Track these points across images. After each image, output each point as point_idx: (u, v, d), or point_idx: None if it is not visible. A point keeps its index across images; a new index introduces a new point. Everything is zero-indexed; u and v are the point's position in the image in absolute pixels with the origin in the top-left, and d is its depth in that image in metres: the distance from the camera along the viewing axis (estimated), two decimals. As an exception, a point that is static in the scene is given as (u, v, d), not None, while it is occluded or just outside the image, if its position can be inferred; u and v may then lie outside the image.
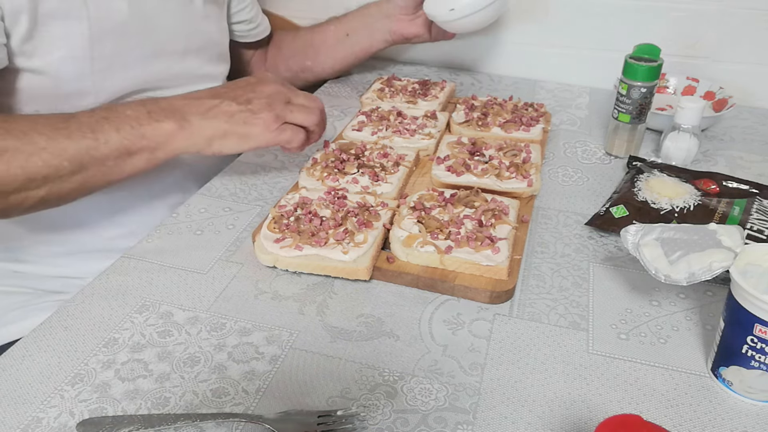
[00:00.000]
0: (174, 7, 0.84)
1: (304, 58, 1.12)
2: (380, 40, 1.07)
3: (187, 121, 0.70)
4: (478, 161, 0.82)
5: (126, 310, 0.61)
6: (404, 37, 1.06)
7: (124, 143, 0.67)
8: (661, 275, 0.56)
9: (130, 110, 0.69)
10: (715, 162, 0.92)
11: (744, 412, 0.52)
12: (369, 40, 1.08)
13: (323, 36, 1.10)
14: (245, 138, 0.72)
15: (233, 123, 0.71)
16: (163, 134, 0.69)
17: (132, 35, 0.78)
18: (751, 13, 1.08)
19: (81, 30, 0.73)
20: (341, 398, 0.52)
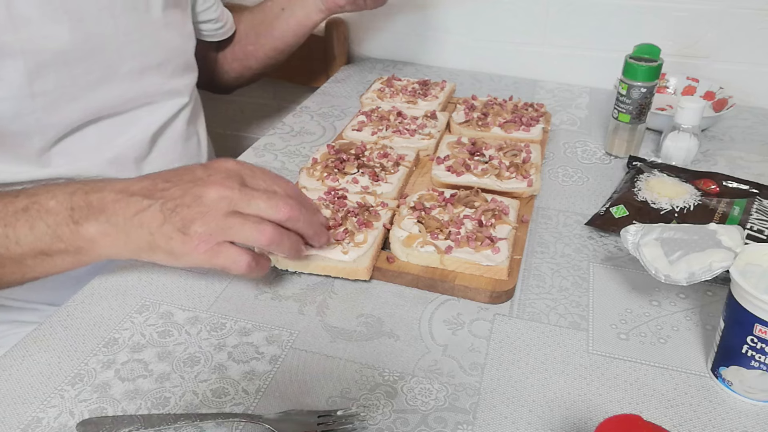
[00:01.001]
0: (126, 22, 0.76)
1: (246, 43, 1.06)
2: (314, 10, 1.01)
3: (112, 225, 0.56)
4: (478, 161, 0.82)
5: (126, 310, 0.61)
6: (337, 4, 0.99)
7: (38, 245, 0.57)
8: (661, 275, 0.56)
9: (54, 201, 0.57)
10: (715, 162, 0.92)
11: (744, 412, 0.52)
12: (303, 11, 1.01)
13: (261, 15, 1.05)
14: (172, 256, 0.56)
15: (158, 236, 0.55)
16: (83, 239, 0.56)
17: (77, 63, 0.71)
18: (751, 13, 1.08)
19: (15, 66, 0.66)
20: (341, 398, 0.52)
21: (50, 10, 0.68)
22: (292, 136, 0.98)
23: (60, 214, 0.57)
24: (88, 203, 0.57)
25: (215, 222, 0.55)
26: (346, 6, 1.00)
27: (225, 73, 1.08)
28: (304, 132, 0.99)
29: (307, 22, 1.03)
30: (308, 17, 1.02)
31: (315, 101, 1.11)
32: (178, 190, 0.56)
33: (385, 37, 1.30)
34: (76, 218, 0.56)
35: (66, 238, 0.57)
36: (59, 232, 0.56)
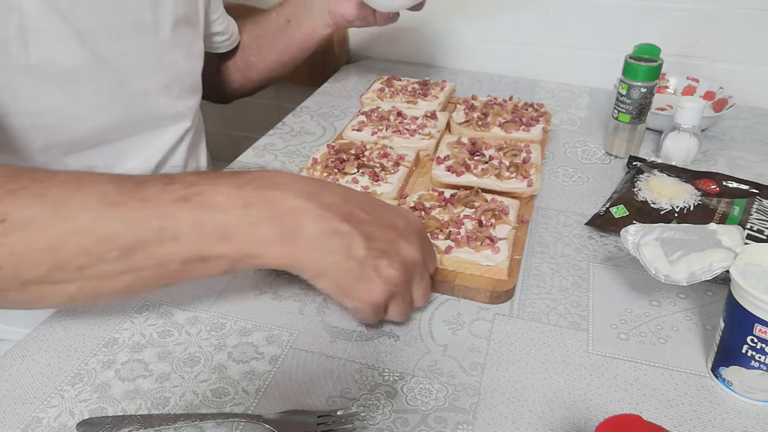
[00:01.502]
0: (134, 43, 0.74)
1: (249, 53, 1.02)
2: (321, 24, 0.97)
3: (296, 236, 0.49)
4: (478, 161, 0.82)
5: (126, 310, 0.61)
6: (345, 19, 0.96)
7: (198, 246, 0.47)
8: (661, 275, 0.56)
9: (222, 195, 0.48)
10: (715, 162, 0.92)
11: (744, 412, 0.52)
12: (310, 24, 0.98)
13: (265, 27, 1.01)
14: (346, 293, 0.53)
15: (347, 270, 0.51)
16: (256, 243, 0.48)
17: (85, 81, 0.69)
18: (751, 13, 1.08)
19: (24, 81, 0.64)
20: (341, 398, 0.52)
21: (62, 27, 0.66)
22: (292, 136, 0.98)
23: (230, 211, 0.48)
24: (265, 201, 0.49)
25: (405, 281, 0.54)
26: (355, 22, 0.97)
27: (226, 84, 1.06)
28: (304, 132, 0.99)
29: (313, 36, 0.99)
30: (314, 31, 0.99)
31: (315, 101, 1.11)
32: (379, 227, 0.53)
33: (385, 37, 1.30)
34: (252, 219, 0.48)
35: (236, 240, 0.48)
36: (230, 232, 0.48)
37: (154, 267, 0.48)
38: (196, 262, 0.48)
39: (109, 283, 0.48)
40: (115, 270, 0.47)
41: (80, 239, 0.45)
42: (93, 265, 0.46)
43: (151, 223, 0.46)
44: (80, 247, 0.45)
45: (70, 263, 0.45)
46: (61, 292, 0.47)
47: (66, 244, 0.45)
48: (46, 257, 0.45)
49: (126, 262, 0.46)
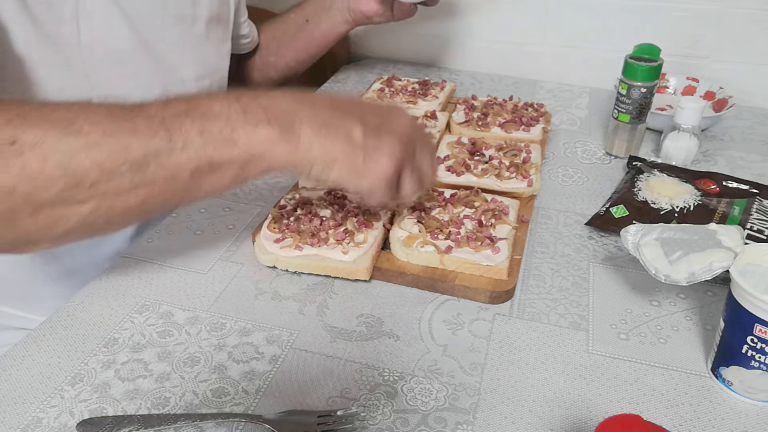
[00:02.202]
0: (174, 32, 0.76)
1: (267, 53, 1.05)
2: (341, 21, 1.00)
3: (295, 132, 0.51)
4: (478, 161, 0.82)
5: (126, 310, 0.61)
6: (365, 16, 1.00)
7: (207, 151, 0.48)
8: (661, 275, 0.56)
9: (219, 105, 0.50)
10: (715, 162, 0.92)
11: (744, 412, 0.52)
12: (329, 22, 1.01)
13: (284, 26, 1.03)
14: (358, 174, 0.54)
15: (352, 152, 0.53)
16: (261, 143, 0.50)
17: (129, 62, 0.71)
18: (751, 13, 1.08)
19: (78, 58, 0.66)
20: (341, 398, 0.52)
21: (112, 10, 0.69)
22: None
23: (231, 117, 0.50)
24: (263, 106, 0.51)
25: (408, 151, 0.56)
26: (374, 18, 1.00)
27: (244, 83, 1.07)
28: (304, 132, 0.99)
29: (333, 33, 1.02)
30: (334, 28, 1.02)
31: (315, 101, 1.11)
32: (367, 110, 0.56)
33: (385, 37, 1.30)
34: (253, 121, 0.50)
35: (242, 143, 0.49)
36: (234, 135, 0.49)
37: (164, 180, 0.48)
38: (205, 172, 0.49)
39: (122, 200, 0.47)
40: (127, 184, 0.47)
41: (91, 154, 0.45)
42: (105, 180, 0.46)
43: (160, 134, 0.47)
44: (92, 162, 0.45)
45: (83, 180, 0.45)
46: (74, 214, 0.46)
47: (78, 160, 0.45)
48: (58, 175, 0.44)
49: (137, 176, 0.47)
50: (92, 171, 0.45)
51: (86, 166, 0.45)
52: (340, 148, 0.53)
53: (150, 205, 0.49)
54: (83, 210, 0.46)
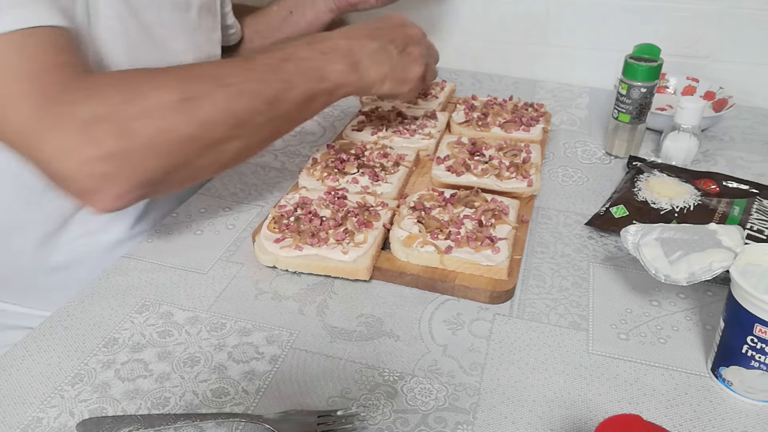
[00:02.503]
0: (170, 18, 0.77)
1: (252, 47, 1.04)
2: (324, 11, 1.01)
3: (357, 63, 0.70)
4: (478, 161, 0.82)
5: (126, 310, 0.61)
6: (349, 3, 1.01)
7: (310, 86, 0.65)
8: (661, 275, 0.56)
9: (304, 51, 0.66)
10: (715, 162, 0.92)
11: (744, 412, 0.52)
12: (313, 11, 1.02)
13: (267, 19, 1.04)
14: (401, 83, 0.75)
15: (395, 68, 0.74)
16: (340, 75, 0.68)
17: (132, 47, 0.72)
18: (751, 13, 1.08)
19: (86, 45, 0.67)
20: (341, 398, 0.52)
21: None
22: (292, 136, 0.98)
23: (316, 60, 0.66)
24: (331, 48, 0.68)
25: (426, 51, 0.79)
26: (358, 4, 1.01)
27: None
28: (304, 132, 0.99)
29: (317, 22, 1.03)
30: (318, 18, 1.02)
31: (315, 101, 1.11)
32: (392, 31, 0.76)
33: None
34: (332, 60, 0.67)
35: (331, 78, 0.67)
36: (325, 72, 0.66)
37: (286, 112, 0.64)
38: (308, 101, 0.66)
39: (260, 133, 0.63)
40: (264, 120, 0.62)
41: (242, 99, 0.59)
42: (252, 117, 0.61)
43: (277, 79, 0.63)
44: (243, 105, 0.59)
45: (238, 120, 0.59)
46: (230, 149, 0.61)
47: (233, 105, 0.59)
48: (222, 119, 0.58)
49: (269, 113, 0.62)
50: (244, 113, 0.60)
51: (239, 109, 0.59)
52: (388, 68, 0.73)
53: (276, 134, 0.67)
54: (236, 145, 0.61)
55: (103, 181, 0.54)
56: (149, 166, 0.55)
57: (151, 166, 0.55)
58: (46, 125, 0.52)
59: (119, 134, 0.53)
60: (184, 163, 0.58)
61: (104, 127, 0.53)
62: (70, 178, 0.54)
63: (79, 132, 0.52)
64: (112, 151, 0.53)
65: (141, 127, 0.54)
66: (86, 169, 0.53)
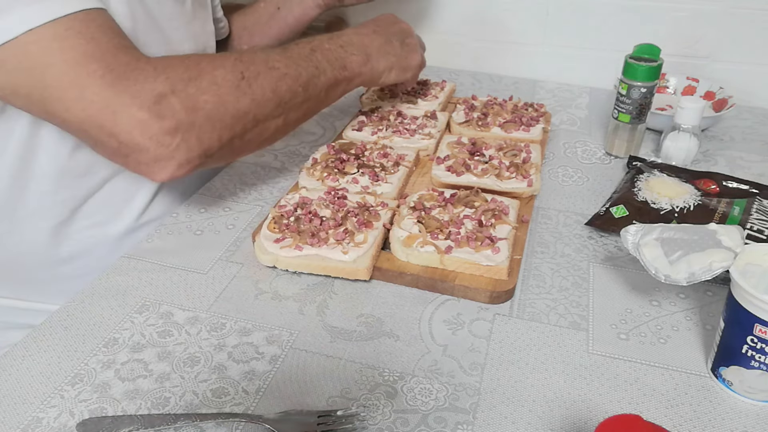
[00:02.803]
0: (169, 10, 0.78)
1: (240, 43, 1.05)
2: (312, 6, 1.02)
3: (369, 55, 0.79)
4: (478, 161, 0.82)
5: (126, 310, 0.61)
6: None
7: (334, 74, 0.74)
8: (661, 275, 0.56)
9: (327, 44, 0.75)
10: (715, 162, 0.92)
11: (744, 412, 0.52)
12: (301, 7, 1.03)
13: (255, 16, 1.05)
14: (405, 70, 0.85)
15: (400, 58, 0.84)
16: (357, 66, 0.77)
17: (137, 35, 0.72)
18: (751, 13, 1.08)
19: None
20: (341, 398, 0.52)
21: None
22: (292, 136, 0.98)
23: (337, 51, 0.76)
24: (348, 42, 0.78)
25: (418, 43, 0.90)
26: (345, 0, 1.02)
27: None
28: (304, 132, 0.99)
29: (304, 18, 1.04)
30: (305, 13, 1.03)
31: (315, 101, 1.11)
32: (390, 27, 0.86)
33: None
34: (350, 52, 0.77)
35: (350, 67, 0.77)
36: (346, 62, 0.76)
37: (316, 94, 0.73)
38: (332, 87, 0.75)
39: (295, 113, 0.71)
40: (300, 101, 0.70)
41: (285, 81, 0.68)
42: (291, 99, 0.69)
43: (310, 65, 0.71)
44: (287, 87, 0.68)
45: (282, 100, 0.68)
46: (273, 126, 0.69)
47: (279, 85, 0.67)
48: (271, 97, 0.66)
49: (305, 94, 0.71)
50: (287, 93, 0.68)
51: (283, 90, 0.68)
52: (393, 58, 0.83)
53: (306, 115, 0.74)
54: (279, 122, 0.69)
55: (172, 150, 0.60)
56: (210, 137, 0.62)
57: (211, 137, 0.62)
58: (120, 101, 0.57)
59: (187, 108, 0.60)
60: (237, 135, 0.65)
61: (173, 101, 0.59)
62: (143, 149, 0.59)
63: (151, 106, 0.58)
64: (181, 123, 0.60)
65: (204, 102, 0.61)
66: (157, 140, 0.59)
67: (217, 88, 0.62)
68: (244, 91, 0.64)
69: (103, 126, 0.58)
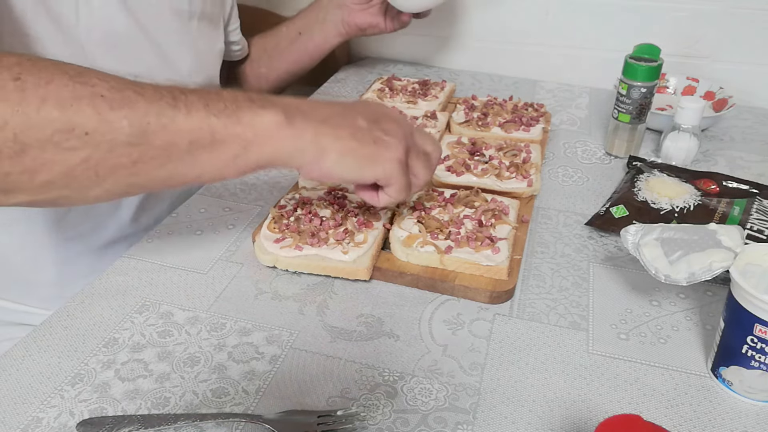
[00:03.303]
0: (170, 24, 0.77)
1: (259, 66, 1.06)
2: (334, 34, 1.03)
3: (302, 119, 0.53)
4: (478, 161, 0.82)
5: (126, 310, 0.61)
6: (359, 28, 1.02)
7: (210, 122, 0.48)
8: (661, 275, 0.56)
9: (227, 92, 0.51)
10: (715, 162, 0.92)
11: (744, 412, 0.52)
12: (322, 34, 1.03)
13: (276, 40, 1.05)
14: (371, 160, 0.55)
15: (360, 139, 0.55)
16: (265, 126, 0.50)
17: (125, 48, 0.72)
18: (751, 13, 1.08)
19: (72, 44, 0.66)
20: (341, 398, 0.52)
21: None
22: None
23: (237, 99, 0.51)
24: (268, 99, 0.52)
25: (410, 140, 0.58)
26: (367, 30, 1.02)
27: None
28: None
29: (325, 45, 1.04)
30: (326, 41, 1.03)
31: (315, 101, 1.11)
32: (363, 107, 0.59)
33: (385, 37, 1.30)
34: (259, 104, 0.51)
35: (246, 121, 0.50)
36: (239, 113, 0.50)
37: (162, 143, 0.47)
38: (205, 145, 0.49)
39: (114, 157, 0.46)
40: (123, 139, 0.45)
41: (94, 102, 0.44)
42: (103, 131, 0.45)
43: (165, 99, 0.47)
44: (93, 110, 0.44)
45: (80, 126, 0.44)
46: (62, 162, 0.45)
47: (79, 105, 0.44)
48: (55, 116, 0.43)
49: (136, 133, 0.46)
50: (91, 119, 0.44)
51: (86, 114, 0.44)
52: (349, 136, 0.54)
53: (140, 171, 0.47)
54: (73, 159, 0.45)
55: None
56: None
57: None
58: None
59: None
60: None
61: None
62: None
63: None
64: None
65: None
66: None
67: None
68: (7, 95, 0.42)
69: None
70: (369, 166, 0.55)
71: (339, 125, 0.54)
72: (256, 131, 0.50)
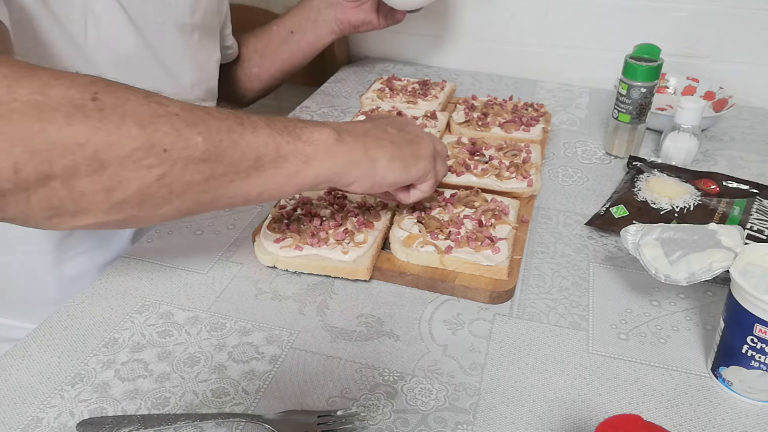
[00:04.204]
0: (174, 40, 0.78)
1: (250, 65, 1.05)
2: (327, 32, 1.02)
3: (345, 135, 0.56)
4: (478, 161, 0.82)
5: (126, 310, 0.61)
6: (352, 25, 1.02)
7: (275, 138, 0.50)
8: (661, 275, 0.56)
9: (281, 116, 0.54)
10: (715, 162, 0.92)
11: (744, 412, 0.52)
12: (315, 33, 1.02)
13: (267, 39, 1.04)
14: (414, 159, 0.61)
15: (399, 144, 0.60)
16: (323, 141, 0.53)
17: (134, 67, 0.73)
18: (751, 13, 1.08)
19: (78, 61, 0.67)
20: (341, 398, 0.52)
21: (119, 14, 0.70)
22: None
23: (293, 121, 0.54)
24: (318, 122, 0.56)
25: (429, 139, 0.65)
26: (361, 27, 1.02)
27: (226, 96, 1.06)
28: (304, 132, 0.99)
29: (318, 43, 1.04)
30: (319, 39, 1.03)
31: (315, 101, 1.11)
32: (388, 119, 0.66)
33: (385, 37, 1.30)
34: (313, 124, 0.55)
35: (305, 138, 0.53)
36: (299, 131, 0.53)
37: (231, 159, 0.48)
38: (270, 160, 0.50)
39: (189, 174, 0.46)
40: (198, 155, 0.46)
41: (171, 120, 0.45)
42: (180, 148, 0.45)
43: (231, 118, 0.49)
44: (171, 127, 0.45)
45: (158, 143, 0.44)
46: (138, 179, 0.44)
47: (158, 123, 0.44)
48: (135, 134, 0.43)
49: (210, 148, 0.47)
50: (169, 136, 0.45)
51: (165, 131, 0.45)
52: (390, 143, 0.59)
53: (210, 188, 0.48)
54: (149, 176, 0.45)
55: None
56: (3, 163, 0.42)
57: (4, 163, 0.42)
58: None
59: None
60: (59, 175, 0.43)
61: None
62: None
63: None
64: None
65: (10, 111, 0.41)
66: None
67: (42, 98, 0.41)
68: (87, 114, 0.42)
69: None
70: (413, 165, 0.61)
71: (378, 136, 0.59)
72: (316, 147, 0.53)
